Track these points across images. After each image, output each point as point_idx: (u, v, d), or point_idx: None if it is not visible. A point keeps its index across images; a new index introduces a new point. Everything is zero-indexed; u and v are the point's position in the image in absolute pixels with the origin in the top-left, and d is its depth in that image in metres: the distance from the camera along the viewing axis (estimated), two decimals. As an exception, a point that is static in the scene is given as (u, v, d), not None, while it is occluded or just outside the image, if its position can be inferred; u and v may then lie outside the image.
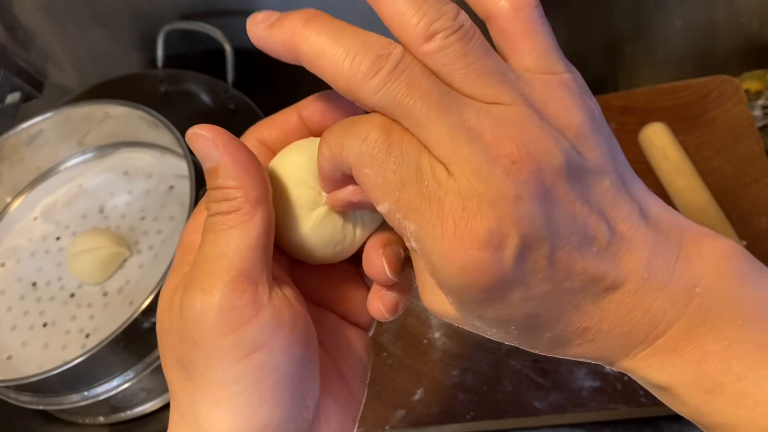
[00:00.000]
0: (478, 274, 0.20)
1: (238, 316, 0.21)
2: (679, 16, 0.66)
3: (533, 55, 0.22)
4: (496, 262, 0.19)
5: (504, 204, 0.19)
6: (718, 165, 0.56)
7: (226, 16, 0.69)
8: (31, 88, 0.76)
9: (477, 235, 0.19)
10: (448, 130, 0.20)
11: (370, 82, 0.20)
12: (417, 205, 0.20)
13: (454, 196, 0.19)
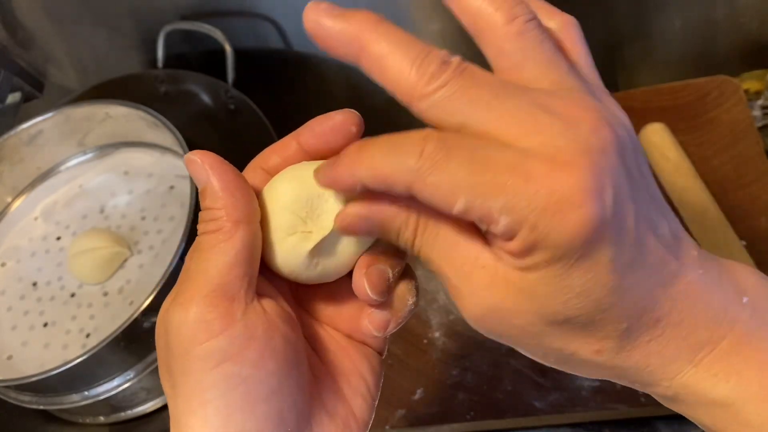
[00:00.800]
0: (583, 224, 0.19)
1: (210, 329, 0.22)
2: (679, 16, 0.66)
3: (586, 67, 0.23)
4: (598, 209, 0.19)
5: (594, 154, 0.19)
6: (717, 165, 0.56)
7: (227, 17, 0.69)
8: (31, 89, 0.76)
9: (577, 182, 0.19)
10: (523, 106, 0.20)
11: (436, 83, 0.21)
12: (499, 180, 0.19)
13: (539, 156, 0.19)
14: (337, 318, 0.27)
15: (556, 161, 0.19)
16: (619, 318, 0.21)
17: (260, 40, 0.71)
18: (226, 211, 0.23)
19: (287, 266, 0.26)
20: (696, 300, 0.22)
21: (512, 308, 0.21)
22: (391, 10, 0.67)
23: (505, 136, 0.20)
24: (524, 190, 0.19)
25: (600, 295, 0.20)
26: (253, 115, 0.66)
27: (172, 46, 0.70)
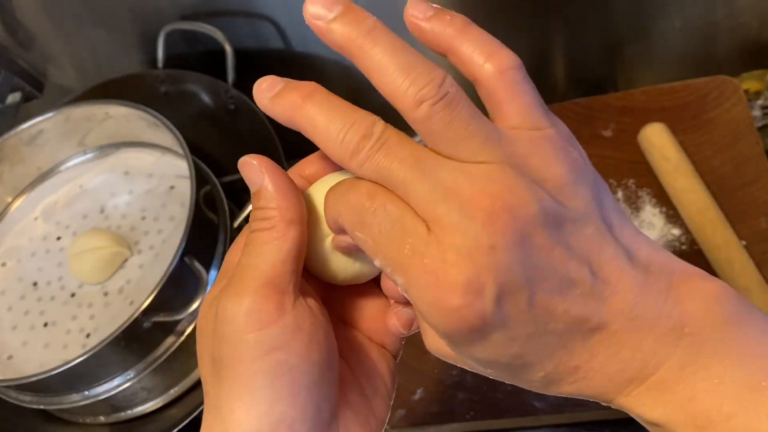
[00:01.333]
0: (461, 320, 0.21)
1: (263, 318, 0.24)
2: (679, 16, 0.66)
3: (518, 113, 0.23)
4: (477, 308, 0.21)
5: (480, 254, 0.21)
6: (717, 165, 0.56)
7: (227, 17, 0.69)
8: (31, 89, 0.76)
9: (456, 284, 0.21)
10: (425, 190, 0.22)
11: (357, 158, 0.23)
12: (402, 261, 0.22)
13: (435, 250, 0.21)
14: (360, 319, 0.29)
15: (446, 261, 0.21)
16: (534, 369, 0.23)
17: (260, 40, 0.71)
18: (280, 211, 0.25)
19: (326, 267, 0.27)
20: (621, 347, 0.23)
21: (452, 354, 0.25)
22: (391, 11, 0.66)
23: (416, 213, 0.22)
24: (418, 280, 0.22)
25: (507, 360, 0.23)
26: (253, 115, 0.66)
27: (173, 46, 0.70)
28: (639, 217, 0.56)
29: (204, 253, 0.56)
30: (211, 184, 0.61)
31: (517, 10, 0.67)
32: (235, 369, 0.24)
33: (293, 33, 0.71)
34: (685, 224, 0.55)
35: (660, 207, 0.56)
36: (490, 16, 0.67)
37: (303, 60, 0.73)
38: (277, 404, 0.24)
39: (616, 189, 0.58)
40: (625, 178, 0.58)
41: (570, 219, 0.22)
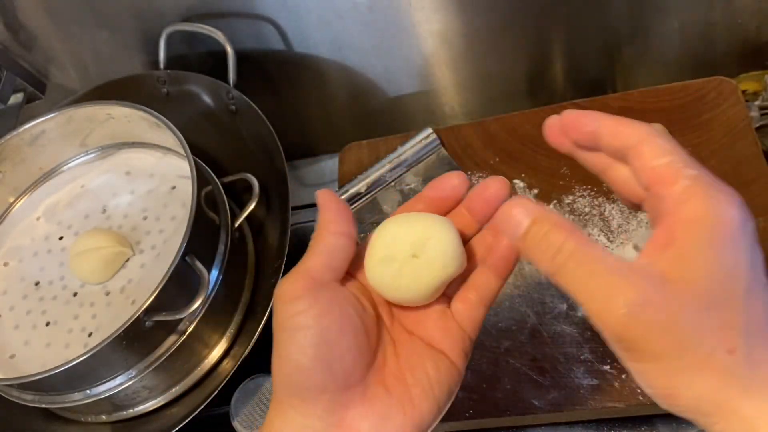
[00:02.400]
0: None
1: (294, 292, 0.32)
2: (677, 17, 0.67)
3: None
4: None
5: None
6: (715, 165, 0.56)
7: (228, 18, 0.69)
8: (33, 89, 0.76)
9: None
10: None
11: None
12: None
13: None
14: (421, 330, 0.35)
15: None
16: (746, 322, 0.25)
17: (261, 41, 0.72)
18: (325, 223, 0.34)
19: (375, 285, 0.35)
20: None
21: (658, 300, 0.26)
22: (392, 12, 0.67)
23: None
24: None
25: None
26: (254, 115, 0.66)
27: (174, 48, 0.71)
28: (637, 216, 0.57)
29: (205, 252, 0.56)
30: (212, 184, 0.61)
31: (517, 11, 0.67)
32: (276, 331, 0.32)
33: (294, 34, 0.71)
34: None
35: (658, 207, 0.57)
36: (490, 17, 0.68)
37: (303, 61, 0.74)
38: (294, 354, 0.31)
39: (614, 189, 0.59)
40: (623, 178, 0.59)
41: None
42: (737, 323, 0.25)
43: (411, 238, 0.34)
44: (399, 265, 0.34)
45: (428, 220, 0.35)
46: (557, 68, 0.74)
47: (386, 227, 0.35)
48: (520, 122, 0.64)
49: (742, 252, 0.26)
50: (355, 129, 0.84)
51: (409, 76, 0.75)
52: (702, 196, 0.26)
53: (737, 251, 0.25)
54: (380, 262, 0.34)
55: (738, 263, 0.25)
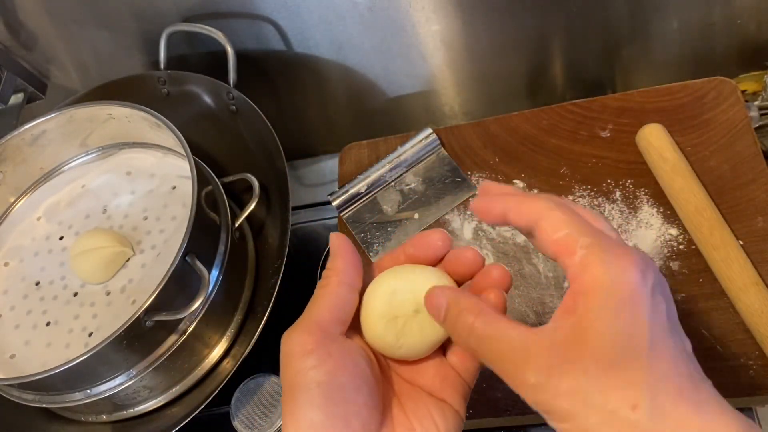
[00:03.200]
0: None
1: (305, 347, 0.32)
2: (677, 17, 0.67)
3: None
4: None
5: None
6: (715, 165, 0.57)
7: (228, 18, 0.69)
8: (34, 90, 0.77)
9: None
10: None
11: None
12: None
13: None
14: (421, 379, 0.35)
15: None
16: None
17: (261, 41, 0.72)
18: (336, 273, 0.33)
19: (377, 344, 0.34)
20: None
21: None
22: (392, 12, 0.67)
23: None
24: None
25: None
26: (255, 116, 0.66)
27: (174, 48, 0.71)
28: (637, 217, 0.57)
29: (205, 252, 0.56)
30: (212, 184, 0.62)
31: (516, 12, 0.67)
32: (288, 386, 0.31)
33: (294, 34, 0.71)
34: (682, 224, 0.55)
35: (658, 207, 0.57)
36: (489, 17, 0.68)
37: (303, 61, 0.74)
38: (309, 411, 0.30)
39: (614, 189, 0.59)
40: (623, 178, 0.59)
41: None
42: (639, 380, 0.26)
43: (412, 293, 0.33)
44: (402, 322, 0.33)
45: (426, 272, 0.34)
46: (557, 68, 0.74)
47: (384, 282, 0.34)
48: (520, 122, 0.64)
49: (640, 311, 0.27)
50: (355, 129, 0.84)
51: (408, 77, 0.75)
52: (597, 264, 0.28)
53: (635, 312, 0.27)
54: (381, 319, 0.33)
55: (636, 323, 0.27)
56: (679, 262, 0.54)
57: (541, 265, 0.57)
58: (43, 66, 0.78)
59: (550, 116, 0.64)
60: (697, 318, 0.51)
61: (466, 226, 0.61)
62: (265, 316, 0.58)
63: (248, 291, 0.62)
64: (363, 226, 0.64)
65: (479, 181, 0.63)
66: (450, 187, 0.63)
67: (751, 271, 0.51)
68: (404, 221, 0.63)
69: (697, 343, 0.50)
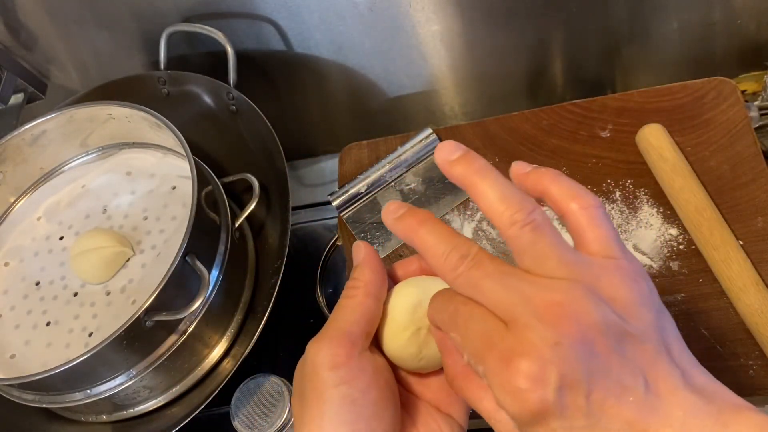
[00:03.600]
0: (526, 402, 0.25)
1: (336, 360, 0.31)
2: (677, 17, 0.67)
3: (596, 242, 0.28)
4: (539, 393, 0.25)
5: (546, 348, 0.25)
6: (714, 165, 0.57)
7: (228, 19, 0.70)
8: (34, 90, 0.77)
9: (524, 370, 0.25)
10: (505, 296, 0.27)
11: (456, 272, 0.28)
12: (483, 353, 0.27)
13: (510, 343, 0.26)
14: (428, 393, 0.36)
15: (516, 352, 0.25)
16: None
17: (262, 41, 0.72)
18: (365, 284, 0.33)
19: (399, 355, 0.34)
20: None
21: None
22: (392, 13, 0.67)
23: (496, 313, 0.27)
24: (494, 368, 0.26)
25: None
26: (255, 116, 0.66)
27: (174, 48, 0.71)
28: (637, 217, 0.57)
29: (206, 252, 0.56)
30: (212, 184, 0.62)
31: (516, 12, 0.67)
32: (313, 397, 0.31)
33: (294, 34, 0.71)
34: (682, 224, 0.55)
35: (657, 207, 0.57)
36: (489, 17, 0.68)
37: (304, 61, 0.74)
38: (340, 428, 0.30)
39: (614, 189, 0.59)
40: (623, 178, 0.59)
41: (630, 333, 0.26)
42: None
43: (426, 303, 0.33)
44: (424, 334, 0.33)
45: (439, 284, 0.34)
46: (557, 68, 0.74)
47: (406, 294, 0.34)
48: (520, 122, 0.64)
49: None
50: (355, 129, 0.84)
51: (409, 77, 0.75)
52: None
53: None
54: (405, 331, 0.33)
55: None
56: (678, 262, 0.54)
57: (541, 265, 0.57)
58: (43, 66, 0.78)
59: (550, 116, 0.64)
60: (697, 318, 0.51)
61: (466, 226, 0.61)
62: (265, 316, 0.58)
63: (248, 291, 0.62)
64: (363, 226, 0.64)
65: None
66: (450, 187, 0.63)
67: (751, 271, 0.51)
68: (404, 221, 0.63)
69: (697, 343, 0.50)
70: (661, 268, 0.54)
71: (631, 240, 0.56)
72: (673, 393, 0.26)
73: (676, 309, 0.52)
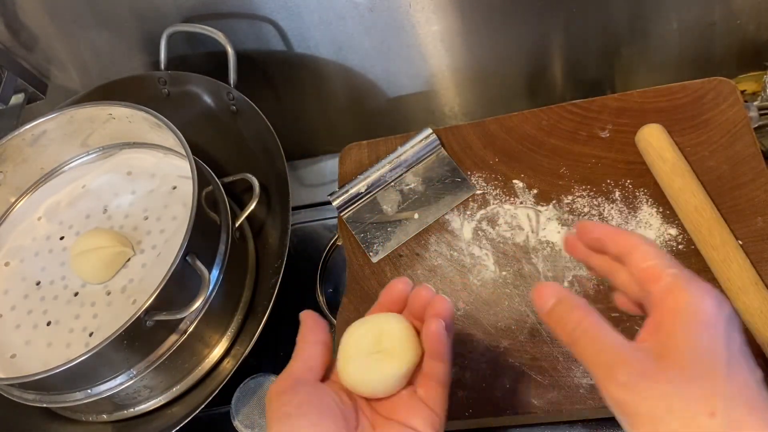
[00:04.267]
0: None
1: (281, 392, 0.39)
2: (676, 18, 0.67)
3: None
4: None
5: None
6: (714, 165, 0.57)
7: (228, 19, 0.70)
8: (34, 90, 0.77)
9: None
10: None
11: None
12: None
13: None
14: (394, 413, 0.41)
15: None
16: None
17: (262, 41, 0.72)
18: (302, 335, 0.43)
19: (349, 383, 0.41)
20: None
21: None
22: (392, 13, 0.67)
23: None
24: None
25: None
26: (255, 116, 0.66)
27: (175, 48, 0.71)
28: (636, 217, 0.57)
29: (206, 252, 0.56)
30: (212, 184, 0.62)
31: (516, 12, 0.67)
32: (267, 419, 0.39)
33: (294, 35, 0.71)
34: (681, 224, 0.55)
35: (657, 207, 0.57)
36: (489, 17, 0.68)
37: (304, 61, 0.74)
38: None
39: (613, 189, 0.59)
40: (622, 178, 0.59)
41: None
42: (717, 392, 0.30)
43: (370, 335, 0.41)
44: (365, 361, 0.40)
45: (382, 317, 0.42)
46: (557, 68, 0.74)
47: (349, 331, 0.42)
48: (520, 122, 0.64)
49: (717, 334, 0.32)
50: (355, 129, 0.84)
51: (409, 77, 0.75)
52: (681, 290, 0.33)
53: (713, 333, 0.32)
54: (349, 361, 0.41)
55: (716, 344, 0.31)
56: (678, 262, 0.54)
57: (540, 264, 0.57)
58: (43, 66, 0.78)
59: (550, 116, 0.64)
60: (697, 318, 0.51)
61: (466, 225, 0.61)
62: (266, 315, 0.58)
63: (248, 291, 0.62)
64: (363, 226, 0.64)
65: (479, 182, 0.63)
66: (450, 187, 0.63)
67: (751, 271, 0.51)
68: (404, 221, 0.63)
69: (696, 342, 0.50)
70: (660, 268, 0.54)
71: (631, 240, 0.56)
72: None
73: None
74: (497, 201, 0.61)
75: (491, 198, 0.62)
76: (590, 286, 0.55)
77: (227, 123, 0.70)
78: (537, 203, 0.60)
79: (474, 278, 0.58)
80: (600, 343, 0.34)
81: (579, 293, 0.55)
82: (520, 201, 0.61)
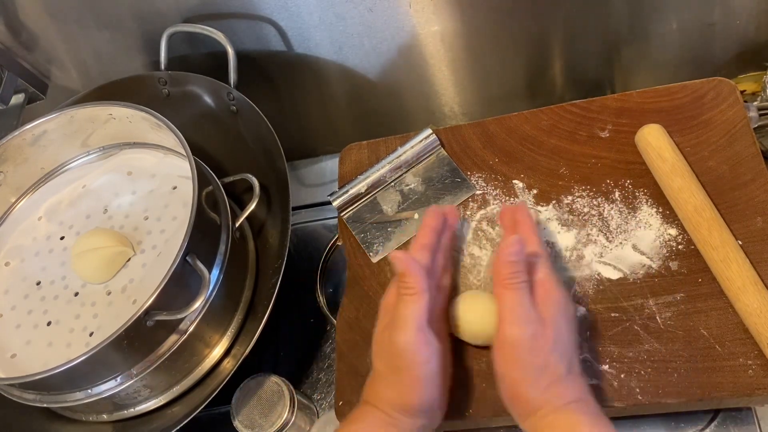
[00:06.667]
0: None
1: (419, 347, 0.47)
2: (676, 18, 0.67)
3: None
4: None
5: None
6: (713, 165, 0.57)
7: (229, 19, 0.70)
8: (35, 90, 0.77)
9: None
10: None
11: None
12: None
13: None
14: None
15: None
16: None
17: (262, 42, 0.72)
18: (417, 285, 0.48)
19: (466, 335, 0.53)
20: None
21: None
22: (392, 13, 0.67)
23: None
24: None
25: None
26: (255, 116, 0.66)
27: (175, 49, 0.71)
28: (636, 217, 0.57)
29: (206, 252, 0.56)
30: (213, 184, 0.62)
31: (516, 12, 0.67)
32: (409, 371, 0.47)
33: (294, 35, 0.71)
34: (681, 224, 0.55)
35: (657, 207, 0.57)
36: (489, 18, 0.68)
37: (304, 61, 0.74)
38: (427, 390, 0.48)
39: (613, 189, 0.59)
40: (622, 178, 0.59)
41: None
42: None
43: (482, 303, 0.52)
44: (480, 322, 0.52)
45: (489, 296, 0.52)
46: (556, 69, 0.74)
47: (470, 300, 0.53)
48: (520, 122, 0.64)
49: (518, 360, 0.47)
50: (355, 129, 0.84)
51: (408, 77, 0.75)
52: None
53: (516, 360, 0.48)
54: (469, 317, 0.53)
55: (521, 368, 0.47)
56: (678, 262, 0.54)
57: (540, 265, 0.57)
58: (43, 66, 0.78)
59: (550, 116, 0.64)
60: (696, 318, 0.51)
61: (466, 226, 0.61)
62: (266, 315, 0.58)
63: (249, 291, 0.62)
64: (363, 226, 0.64)
65: (479, 182, 0.63)
66: (450, 187, 0.63)
67: (750, 271, 0.51)
68: (404, 221, 0.63)
69: (696, 342, 0.50)
70: (660, 268, 0.54)
71: (630, 240, 0.56)
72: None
73: (675, 309, 0.52)
74: (497, 201, 0.61)
75: (491, 198, 0.62)
76: (590, 286, 0.55)
77: (227, 123, 0.70)
78: (537, 203, 0.60)
79: (474, 278, 0.58)
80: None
81: (578, 293, 0.55)
82: (520, 201, 0.61)
